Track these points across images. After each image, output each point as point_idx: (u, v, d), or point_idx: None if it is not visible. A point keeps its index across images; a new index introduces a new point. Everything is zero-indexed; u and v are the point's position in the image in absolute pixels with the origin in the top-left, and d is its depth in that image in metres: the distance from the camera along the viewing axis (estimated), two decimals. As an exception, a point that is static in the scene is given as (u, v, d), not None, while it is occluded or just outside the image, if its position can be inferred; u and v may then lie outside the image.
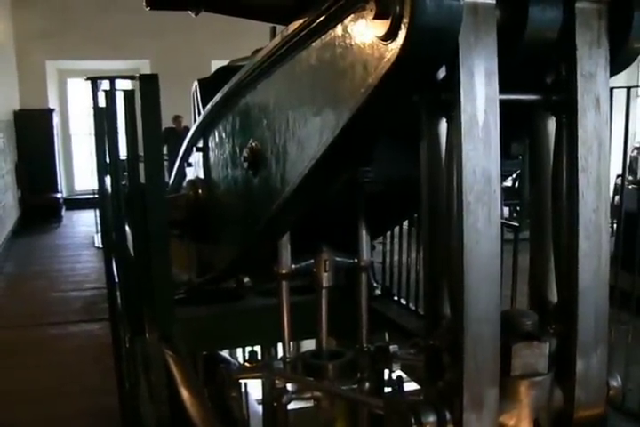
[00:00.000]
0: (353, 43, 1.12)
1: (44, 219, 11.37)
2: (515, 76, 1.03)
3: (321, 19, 1.20)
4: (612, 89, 3.97)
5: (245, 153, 1.77)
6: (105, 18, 11.88)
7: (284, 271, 1.90)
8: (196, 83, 2.51)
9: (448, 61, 0.99)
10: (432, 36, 0.94)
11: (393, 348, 1.95)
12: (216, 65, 2.59)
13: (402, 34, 0.94)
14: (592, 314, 1.13)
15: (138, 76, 1.88)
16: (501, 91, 1.02)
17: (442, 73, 1.03)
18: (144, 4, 1.28)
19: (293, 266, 1.94)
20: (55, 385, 4.82)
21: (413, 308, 3.42)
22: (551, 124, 1.14)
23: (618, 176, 5.64)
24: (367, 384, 2.05)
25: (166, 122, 6.98)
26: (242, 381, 4.51)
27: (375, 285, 3.56)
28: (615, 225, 5.27)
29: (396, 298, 3.59)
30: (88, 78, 2.35)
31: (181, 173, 2.83)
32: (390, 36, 0.96)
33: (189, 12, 1.32)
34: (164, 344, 1.65)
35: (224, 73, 2.52)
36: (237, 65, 2.31)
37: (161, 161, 2.21)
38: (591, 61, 1.06)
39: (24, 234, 10.53)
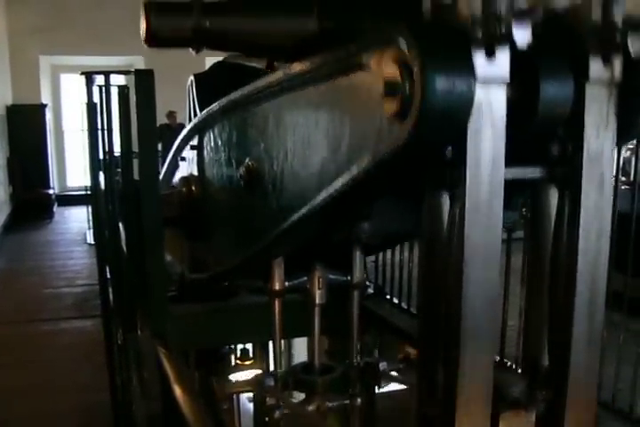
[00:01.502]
0: (363, 102, 1.10)
1: (35, 215, 11.33)
2: (519, 148, 1.03)
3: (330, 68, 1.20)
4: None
5: (242, 171, 1.73)
6: (99, 13, 11.84)
7: (277, 288, 1.88)
8: (191, 77, 2.49)
9: (456, 141, 1.00)
10: (442, 121, 0.93)
11: (382, 365, 1.95)
12: (210, 62, 2.59)
13: (411, 115, 0.93)
14: (583, 381, 1.13)
15: (133, 72, 1.87)
16: (506, 164, 1.02)
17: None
18: (143, 41, 1.27)
19: (287, 283, 1.91)
20: (47, 381, 4.81)
21: (405, 306, 3.42)
22: (554, 195, 1.15)
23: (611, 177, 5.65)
24: (359, 400, 2.04)
25: (160, 118, 6.97)
26: (234, 378, 4.50)
27: (367, 283, 3.56)
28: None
29: (388, 297, 3.59)
30: (83, 73, 2.34)
31: (172, 169, 2.82)
32: (399, 114, 0.95)
33: (190, 49, 1.32)
34: (157, 341, 1.65)
35: (220, 68, 2.51)
36: (234, 62, 2.29)
37: (156, 157, 2.20)
38: (598, 142, 1.07)
39: (16, 230, 10.49)
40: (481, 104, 0.95)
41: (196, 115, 2.65)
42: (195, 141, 2.41)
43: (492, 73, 0.94)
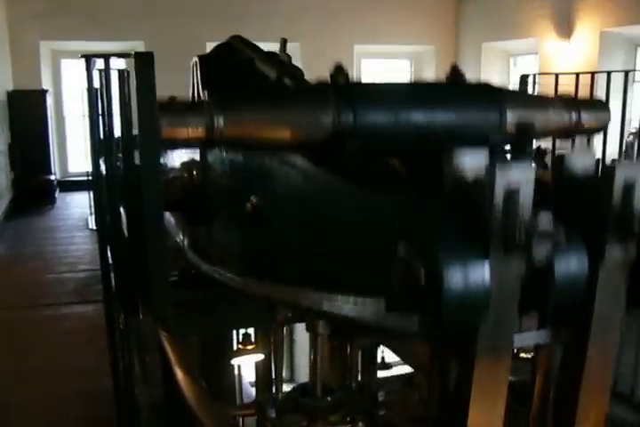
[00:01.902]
0: None
1: (37, 201, 11.33)
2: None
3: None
4: (609, 73, 3.98)
5: (247, 206, 1.70)
6: (99, -2, 11.79)
7: (280, 318, 1.86)
8: (195, 59, 2.46)
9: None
10: (456, 324, 0.95)
11: (380, 395, 1.95)
12: (211, 46, 2.55)
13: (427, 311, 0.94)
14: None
15: (133, 54, 1.85)
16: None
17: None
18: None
19: (289, 314, 1.90)
20: (48, 366, 4.83)
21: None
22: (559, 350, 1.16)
23: (613, 161, 5.64)
24: (360, 424, 2.04)
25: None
26: (235, 363, 4.52)
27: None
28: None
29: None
30: (82, 56, 2.33)
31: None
32: (415, 309, 0.96)
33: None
34: (159, 325, 1.64)
35: (225, 50, 2.47)
36: (240, 48, 2.27)
37: (157, 142, 2.19)
38: (608, 311, 1.10)
39: (17, 216, 10.49)
40: (494, 299, 0.95)
41: (199, 96, 2.63)
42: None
43: (506, 270, 0.95)
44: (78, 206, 11.07)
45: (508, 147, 1.42)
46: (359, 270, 1.18)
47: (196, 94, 2.69)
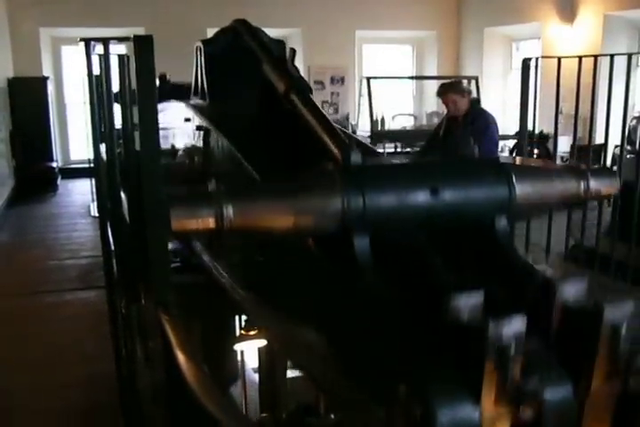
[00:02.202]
0: None
1: (39, 188, 11.35)
2: None
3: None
4: (612, 56, 3.95)
5: None
6: (99, -16, 11.73)
7: None
8: (198, 44, 2.44)
9: None
10: None
11: None
12: (211, 32, 2.54)
13: None
14: None
15: (132, 38, 1.84)
16: None
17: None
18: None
19: None
20: (51, 352, 4.85)
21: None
22: None
23: (616, 146, 5.63)
24: None
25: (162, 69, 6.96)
26: (238, 349, 4.53)
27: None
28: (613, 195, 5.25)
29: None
30: (81, 40, 2.31)
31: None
32: None
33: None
34: (160, 310, 1.65)
35: (228, 34, 2.45)
36: (247, 41, 2.25)
37: (156, 128, 2.18)
38: None
39: (19, 203, 10.51)
40: None
41: (202, 82, 2.62)
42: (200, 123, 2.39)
43: (496, 419, 0.98)
44: (80, 193, 11.08)
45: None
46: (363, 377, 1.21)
47: (199, 79, 2.68)
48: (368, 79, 11.65)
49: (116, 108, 2.49)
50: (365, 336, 1.19)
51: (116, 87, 2.45)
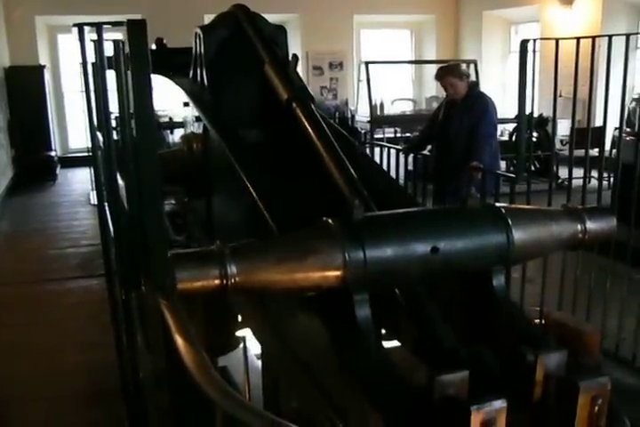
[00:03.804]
0: None
1: (38, 177, 11.34)
2: None
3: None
4: (610, 37, 3.92)
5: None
6: (94, -29, 11.65)
7: None
8: (197, 30, 2.42)
9: None
10: None
11: None
12: (209, 19, 2.51)
13: None
14: None
15: (125, 22, 1.83)
16: None
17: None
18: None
19: None
20: (53, 340, 4.87)
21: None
22: None
23: (615, 129, 5.61)
24: None
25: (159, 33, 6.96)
26: (241, 335, 4.53)
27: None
28: (612, 177, 5.26)
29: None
30: (75, 25, 2.30)
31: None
32: None
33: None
34: (159, 295, 1.64)
35: (227, 20, 2.43)
36: (248, 32, 2.22)
37: (151, 113, 2.17)
38: None
39: (19, 193, 10.51)
40: None
41: (202, 68, 2.60)
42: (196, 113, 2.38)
43: None
44: (80, 182, 11.08)
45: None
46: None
47: (198, 67, 2.66)
48: (367, 64, 11.60)
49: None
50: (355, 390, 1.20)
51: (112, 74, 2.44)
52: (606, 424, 1.09)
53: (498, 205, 1.47)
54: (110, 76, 2.50)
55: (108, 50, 2.43)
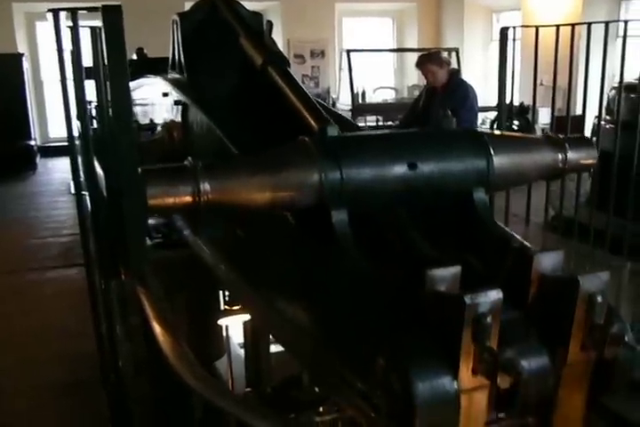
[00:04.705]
0: None
1: (18, 167, 11.23)
2: None
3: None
4: (589, 24, 3.93)
5: None
6: (72, -43, 11.50)
7: None
8: (175, 17, 2.39)
9: None
10: None
11: None
12: (189, 4, 2.49)
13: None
14: None
15: (100, 7, 1.81)
16: None
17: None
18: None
19: None
20: (33, 330, 4.85)
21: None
22: None
23: (595, 117, 5.63)
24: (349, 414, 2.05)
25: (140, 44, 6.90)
26: (223, 323, 4.53)
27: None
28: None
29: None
30: (49, 10, 2.26)
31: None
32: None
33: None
34: (137, 282, 1.64)
35: (206, 6, 2.41)
36: (224, 15, 2.21)
37: (128, 101, 2.15)
38: (569, 406, 1.13)
39: (-2, 182, 10.42)
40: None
41: (180, 57, 2.58)
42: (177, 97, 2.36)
43: (474, 391, 1.00)
44: (60, 171, 10.99)
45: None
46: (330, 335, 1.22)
47: (176, 54, 2.64)
48: (348, 52, 11.56)
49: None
50: (345, 310, 1.19)
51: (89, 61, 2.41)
52: (604, 323, 1.06)
53: (479, 129, 1.45)
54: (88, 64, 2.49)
55: (86, 37, 2.41)
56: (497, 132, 1.70)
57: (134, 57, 9.47)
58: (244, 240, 1.67)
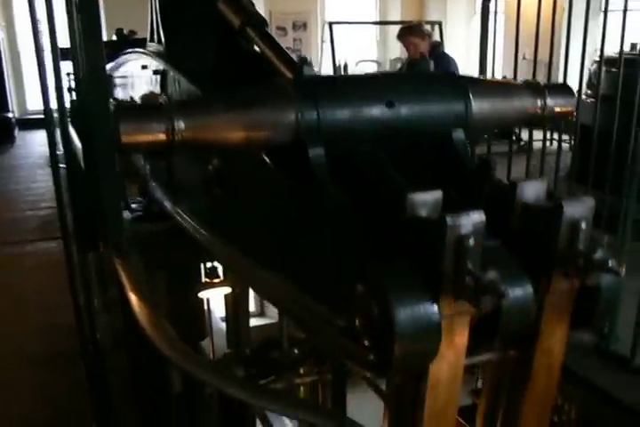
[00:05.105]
0: None
1: (-4, 140, 11.11)
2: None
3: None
4: (571, 0, 3.88)
5: (210, 167, 1.65)
6: None
7: None
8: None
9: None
10: (406, 364, 0.98)
11: None
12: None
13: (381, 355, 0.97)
14: None
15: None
16: None
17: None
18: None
19: None
20: (13, 303, 4.83)
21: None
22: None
23: (577, 91, 5.64)
24: (329, 376, 2.04)
25: (120, 24, 6.82)
26: (204, 296, 4.53)
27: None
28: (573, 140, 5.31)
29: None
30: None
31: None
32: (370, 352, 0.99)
33: None
34: (114, 253, 1.63)
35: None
36: None
37: (104, 74, 2.12)
38: (552, 338, 1.13)
39: (-24, 155, 10.30)
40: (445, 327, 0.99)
41: (158, 27, 2.55)
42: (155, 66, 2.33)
43: (455, 315, 0.99)
44: (39, 144, 10.84)
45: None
46: (316, 277, 1.21)
47: (154, 24, 2.60)
48: (330, 24, 11.45)
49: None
50: (323, 243, 1.18)
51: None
52: (587, 249, 1.05)
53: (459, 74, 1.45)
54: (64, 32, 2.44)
55: (61, 6, 2.36)
56: (477, 76, 1.71)
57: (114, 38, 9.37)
58: (221, 198, 1.66)
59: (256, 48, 1.82)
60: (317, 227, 1.21)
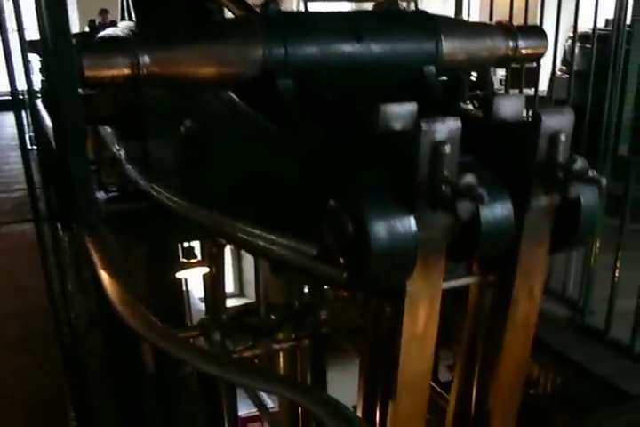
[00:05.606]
0: None
1: (-35, 122, 10.90)
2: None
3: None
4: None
5: (181, 129, 1.61)
6: None
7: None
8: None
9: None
10: (382, 277, 0.95)
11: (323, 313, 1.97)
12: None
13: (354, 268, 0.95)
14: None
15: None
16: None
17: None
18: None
19: None
20: (-13, 286, 4.78)
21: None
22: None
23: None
24: (306, 341, 2.04)
25: (93, 16, 6.70)
26: (182, 276, 4.52)
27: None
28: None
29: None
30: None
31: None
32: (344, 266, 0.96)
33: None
34: (86, 232, 1.61)
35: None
36: None
37: (71, 51, 2.07)
38: (531, 259, 1.10)
39: (-55, 138, 10.11)
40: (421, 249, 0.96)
41: (128, 5, 2.51)
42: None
43: (432, 225, 0.96)
44: (10, 126, 10.62)
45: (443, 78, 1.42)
46: (293, 214, 1.19)
47: (125, 5, 2.56)
48: (305, 1, 11.34)
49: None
50: (294, 168, 1.16)
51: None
52: (567, 161, 1.02)
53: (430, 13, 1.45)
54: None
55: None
56: (448, 16, 1.70)
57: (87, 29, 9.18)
58: (193, 158, 1.64)
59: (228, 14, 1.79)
60: (289, 158, 1.18)
